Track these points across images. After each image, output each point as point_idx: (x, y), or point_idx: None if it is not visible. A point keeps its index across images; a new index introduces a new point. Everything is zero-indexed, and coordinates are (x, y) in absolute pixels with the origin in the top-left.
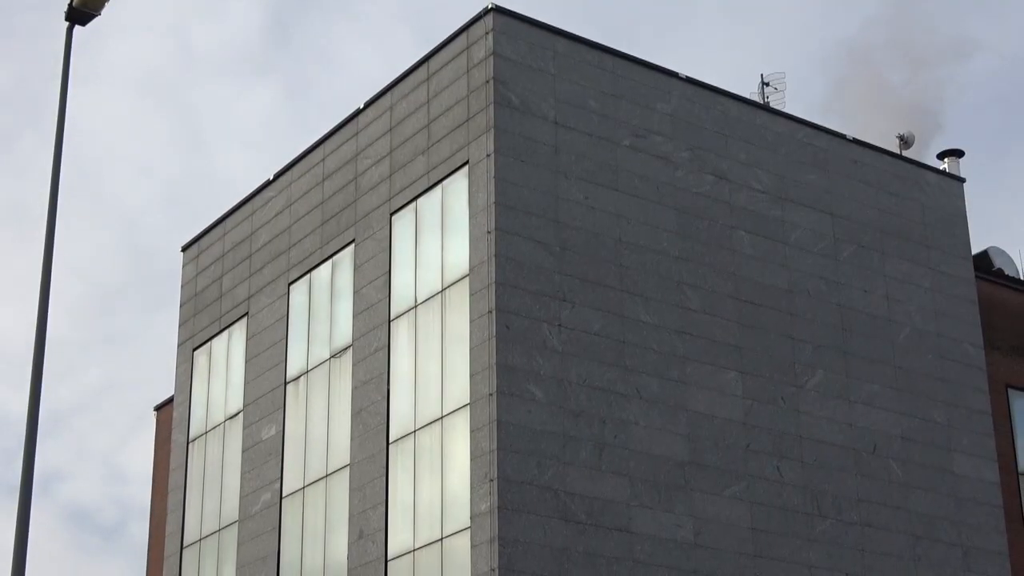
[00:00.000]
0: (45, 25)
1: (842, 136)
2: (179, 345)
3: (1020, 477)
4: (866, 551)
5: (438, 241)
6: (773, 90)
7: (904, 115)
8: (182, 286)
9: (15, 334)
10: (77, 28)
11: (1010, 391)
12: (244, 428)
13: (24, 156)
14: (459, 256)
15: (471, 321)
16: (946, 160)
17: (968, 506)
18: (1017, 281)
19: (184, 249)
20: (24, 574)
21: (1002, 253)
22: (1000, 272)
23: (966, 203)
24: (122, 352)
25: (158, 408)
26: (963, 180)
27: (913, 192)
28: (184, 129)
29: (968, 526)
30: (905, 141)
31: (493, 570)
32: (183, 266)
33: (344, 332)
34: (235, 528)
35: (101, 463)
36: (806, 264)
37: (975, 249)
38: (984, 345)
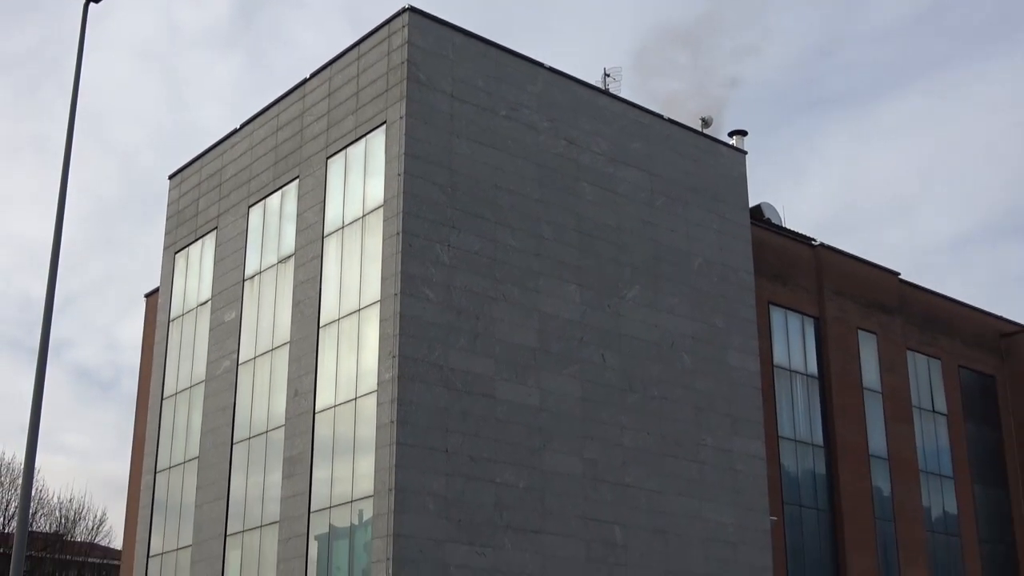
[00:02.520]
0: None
1: (660, 116)
2: (164, 249)
3: (774, 368)
4: (663, 417)
5: (361, 180)
6: (612, 80)
7: (703, 100)
8: (168, 205)
9: (38, 235)
10: (92, 5)
11: (771, 306)
12: (211, 313)
13: (47, 101)
14: (376, 191)
15: (383, 240)
16: (734, 137)
17: (737, 388)
18: (780, 228)
19: (170, 177)
20: (40, 418)
21: (770, 207)
22: (768, 221)
23: (747, 170)
24: (120, 252)
25: (147, 295)
26: (745, 152)
27: (709, 160)
28: (170, 87)
29: (736, 402)
30: (705, 122)
31: (392, 422)
32: (169, 190)
33: (288, 244)
34: (202, 386)
35: (102, 334)
36: (630, 209)
37: (752, 203)
38: (754, 273)
